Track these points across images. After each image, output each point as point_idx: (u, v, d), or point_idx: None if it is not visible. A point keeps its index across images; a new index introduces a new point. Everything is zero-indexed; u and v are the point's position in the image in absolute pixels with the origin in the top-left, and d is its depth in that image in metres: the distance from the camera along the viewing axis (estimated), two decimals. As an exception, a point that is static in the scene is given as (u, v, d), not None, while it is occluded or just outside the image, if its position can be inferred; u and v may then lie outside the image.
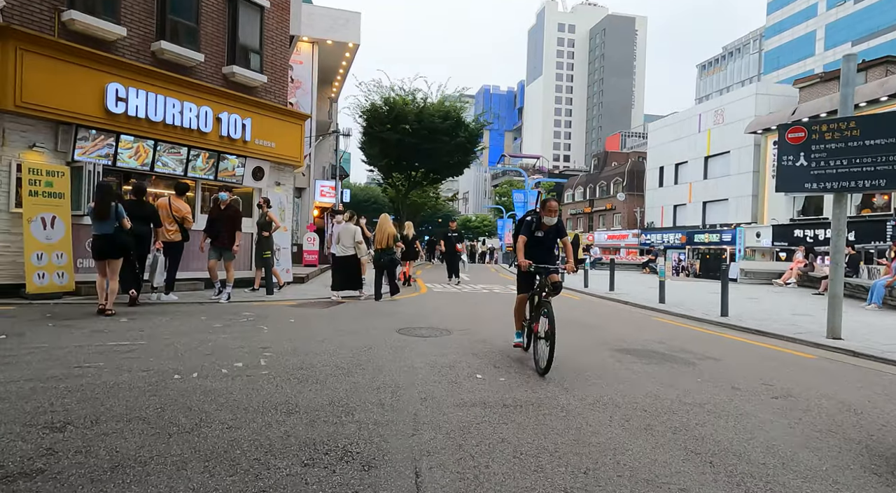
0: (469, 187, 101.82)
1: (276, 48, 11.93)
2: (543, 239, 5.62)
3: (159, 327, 6.27)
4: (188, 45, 9.92)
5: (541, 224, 5.52)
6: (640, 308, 10.78)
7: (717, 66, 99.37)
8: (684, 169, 36.24)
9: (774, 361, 6.16)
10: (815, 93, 26.51)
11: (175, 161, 9.80)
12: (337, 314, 8.19)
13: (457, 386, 4.43)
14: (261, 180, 11.52)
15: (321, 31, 20.86)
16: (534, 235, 5.58)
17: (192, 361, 4.81)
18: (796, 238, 25.29)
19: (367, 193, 65.96)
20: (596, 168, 54.52)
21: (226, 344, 5.55)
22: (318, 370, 4.69)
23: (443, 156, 28.04)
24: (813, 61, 63.43)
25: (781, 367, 5.82)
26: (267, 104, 11.46)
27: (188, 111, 9.75)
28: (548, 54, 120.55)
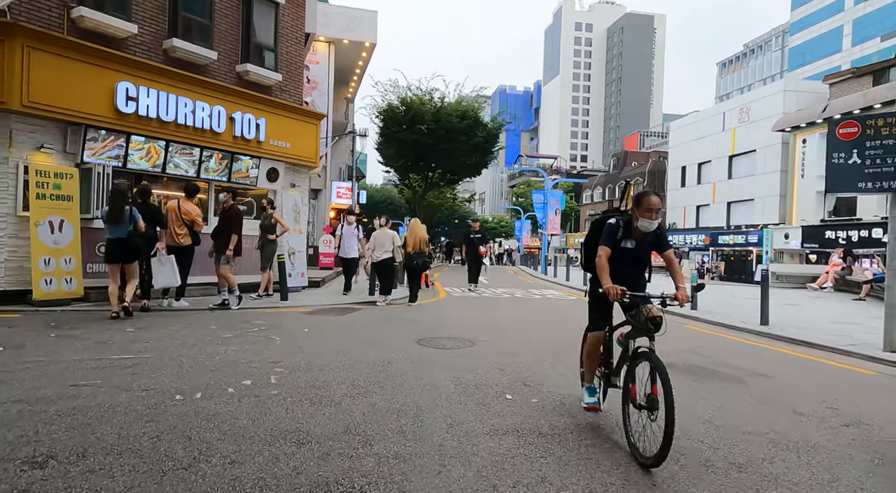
0: (485, 188, 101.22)
1: (291, 46, 11.61)
2: (634, 251, 3.82)
3: (166, 338, 5.93)
4: (201, 42, 9.63)
5: (632, 230, 3.75)
6: (671, 315, 10.21)
7: (737, 64, 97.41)
8: (707, 168, 35.28)
9: (831, 377, 5.61)
10: (847, 89, 25.53)
11: (187, 162, 9.51)
12: (353, 323, 7.80)
13: (485, 409, 3.99)
14: (275, 182, 11.21)
15: (337, 31, 20.60)
16: (620, 246, 3.78)
17: (198, 377, 4.44)
18: (828, 240, 24.34)
19: (383, 194, 65.72)
20: (615, 168, 53.62)
21: (235, 358, 5.18)
22: (332, 389, 4.29)
23: (460, 156, 27.60)
24: (840, 57, 61.64)
25: (840, 385, 5.28)
26: (282, 103, 11.14)
27: (201, 111, 9.45)
28: (565, 53, 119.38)
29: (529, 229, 51.62)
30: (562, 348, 6.32)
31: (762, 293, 8.66)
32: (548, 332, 7.73)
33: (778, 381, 5.27)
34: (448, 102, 26.89)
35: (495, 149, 30.02)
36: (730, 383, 5.05)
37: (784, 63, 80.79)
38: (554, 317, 9.63)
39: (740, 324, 8.76)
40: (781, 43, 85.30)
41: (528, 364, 5.47)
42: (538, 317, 9.53)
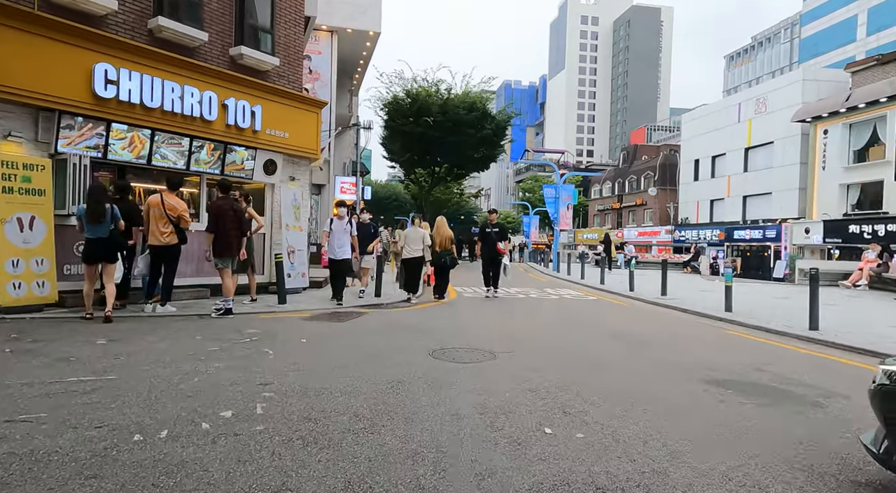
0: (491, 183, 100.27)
1: (289, 28, 10.77)
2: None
3: (140, 353, 5.13)
4: (190, 22, 8.82)
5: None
6: (706, 318, 9.35)
7: (745, 57, 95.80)
8: (722, 161, 34.23)
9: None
10: (870, 77, 24.43)
11: (175, 153, 8.70)
12: (356, 331, 6.98)
13: (522, 449, 3.17)
14: (273, 175, 10.40)
15: (340, 20, 19.77)
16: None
17: (167, 407, 3.63)
18: (852, 235, 23.32)
19: (387, 190, 64.99)
20: (624, 162, 52.53)
21: (217, 378, 4.37)
22: (331, 422, 3.47)
23: (467, 149, 26.74)
24: (854, 48, 60.20)
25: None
26: (279, 89, 10.32)
27: (189, 96, 8.64)
28: (570, 47, 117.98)
29: (538, 225, 50.68)
30: (595, 362, 5.49)
31: (811, 295, 7.77)
32: (574, 340, 6.90)
33: (858, 402, 4.42)
34: (455, 94, 26.02)
35: (504, 142, 29.12)
36: (806, 407, 4.21)
37: (794, 55, 79.28)
38: (577, 322, 8.79)
39: (784, 328, 7.89)
40: (791, 34, 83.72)
41: (561, 383, 4.64)
42: (560, 322, 8.69)
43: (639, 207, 46.66)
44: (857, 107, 23.60)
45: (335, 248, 9.32)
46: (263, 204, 10.62)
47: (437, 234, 10.74)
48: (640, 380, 4.81)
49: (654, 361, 5.67)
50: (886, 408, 2.67)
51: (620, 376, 4.91)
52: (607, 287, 14.88)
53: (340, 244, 9.34)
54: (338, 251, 9.32)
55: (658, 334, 7.53)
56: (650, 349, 6.34)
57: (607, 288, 14.71)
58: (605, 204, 53.26)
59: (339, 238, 9.34)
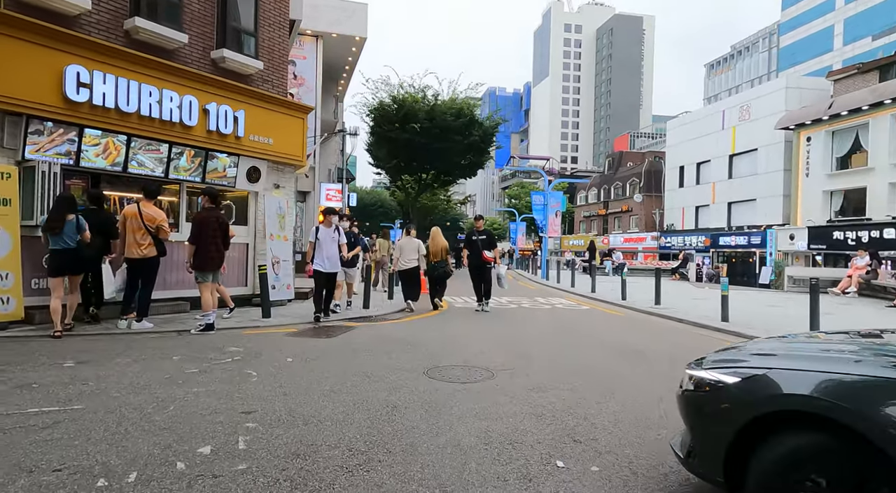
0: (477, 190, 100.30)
1: (273, 31, 10.43)
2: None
3: (111, 376, 4.72)
4: (169, 23, 8.43)
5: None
6: (702, 329, 9.15)
7: (725, 65, 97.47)
8: (706, 168, 34.49)
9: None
10: (851, 85, 24.80)
11: (153, 160, 8.29)
12: (346, 347, 6.63)
13: (534, 486, 2.86)
14: (257, 182, 10.01)
15: (326, 25, 19.43)
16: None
17: (139, 443, 3.26)
18: (836, 241, 23.55)
19: (373, 196, 64.51)
20: (609, 169, 52.81)
21: (196, 406, 4.00)
22: (321, 458, 3.13)
23: (455, 156, 26.51)
24: (831, 57, 61.49)
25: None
26: (263, 94, 9.95)
27: (168, 101, 8.24)
28: (554, 55, 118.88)
29: (524, 232, 50.63)
30: (598, 379, 5.21)
31: (812, 306, 7.61)
32: (572, 355, 6.62)
33: None
34: (442, 100, 25.80)
35: (491, 148, 28.95)
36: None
37: (772, 64, 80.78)
38: (573, 333, 8.52)
39: (785, 339, 7.69)
40: (769, 44, 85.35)
41: (567, 405, 4.35)
42: (555, 334, 8.42)
43: (624, 213, 46.86)
44: (839, 114, 23.89)
45: (324, 259, 8.42)
46: (247, 213, 10.22)
47: (433, 244, 10.79)
48: (650, 399, 4.53)
49: (661, 377, 5.40)
50: (689, 413, 2.72)
51: (628, 396, 4.64)
52: (599, 296, 14.68)
53: (329, 255, 8.45)
54: (326, 263, 8.43)
55: (658, 346, 7.29)
56: (653, 364, 6.08)
57: (599, 297, 14.51)
58: (591, 210, 53.43)
59: (327, 248, 8.46)
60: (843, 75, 25.72)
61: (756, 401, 2.35)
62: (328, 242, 8.52)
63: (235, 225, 9.98)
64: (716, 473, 2.47)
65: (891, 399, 1.99)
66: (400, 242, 10.85)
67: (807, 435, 2.20)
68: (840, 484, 2.08)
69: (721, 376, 2.56)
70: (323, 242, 8.47)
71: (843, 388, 2.13)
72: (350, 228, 10.60)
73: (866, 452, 1.98)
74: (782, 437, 2.25)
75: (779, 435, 2.27)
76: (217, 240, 7.27)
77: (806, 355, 2.58)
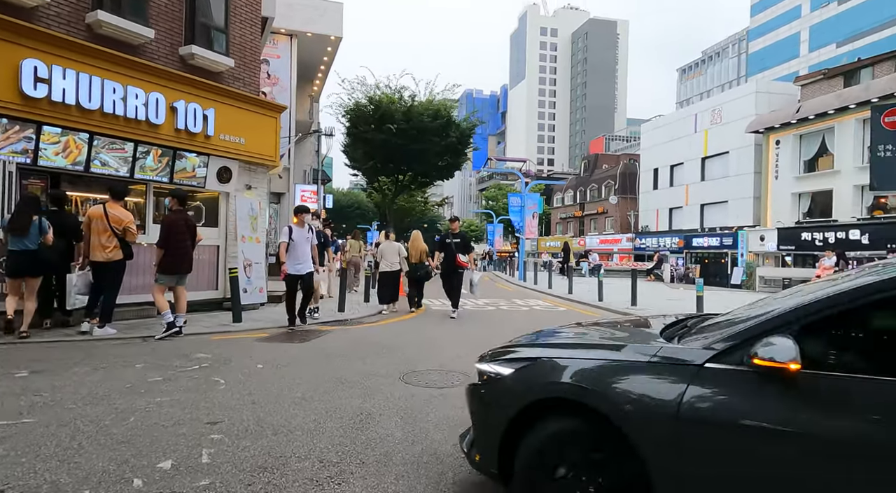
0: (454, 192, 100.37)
1: (245, 28, 10.16)
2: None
3: (68, 387, 4.47)
4: (134, 18, 8.12)
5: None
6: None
7: (696, 70, 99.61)
8: (680, 171, 35.06)
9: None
10: (818, 90, 25.46)
11: (118, 159, 7.96)
12: (319, 352, 6.44)
13: (514, 500, 2.75)
14: (228, 183, 9.73)
15: (300, 23, 19.14)
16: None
17: (93, 459, 3.05)
18: (804, 242, 24.13)
19: (350, 198, 64.02)
20: (585, 171, 53.33)
21: (158, 417, 3.79)
22: (290, 471, 2.98)
23: (432, 157, 26.36)
24: (797, 63, 63.24)
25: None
26: (234, 92, 9.68)
27: (133, 98, 7.92)
28: (531, 58, 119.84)
29: (502, 233, 50.78)
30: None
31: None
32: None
33: None
34: (419, 101, 25.64)
35: (468, 150, 28.90)
36: None
37: (742, 69, 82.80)
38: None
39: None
40: (738, 50, 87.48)
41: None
42: (534, 335, 8.34)
43: (600, 215, 47.36)
44: (806, 119, 24.51)
45: (296, 261, 7.96)
46: (218, 214, 9.93)
47: (413, 247, 10.87)
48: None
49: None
50: (471, 406, 2.80)
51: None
52: (576, 297, 14.71)
53: (303, 258, 8.00)
54: (299, 266, 7.95)
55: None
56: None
57: (576, 298, 14.54)
58: (567, 212, 53.86)
59: (301, 249, 8.01)
60: (809, 80, 26.40)
61: (525, 391, 2.44)
62: (302, 242, 8.12)
63: (206, 227, 9.72)
64: (490, 465, 2.52)
65: (622, 379, 2.16)
66: (381, 246, 10.98)
67: (565, 420, 2.31)
68: (590, 464, 2.19)
69: (498, 367, 2.64)
70: (297, 243, 8.06)
71: (593, 374, 2.27)
72: (324, 228, 10.41)
73: (610, 431, 2.10)
74: (546, 424, 2.34)
75: (543, 422, 2.35)
76: (186, 243, 7.04)
77: (571, 343, 2.72)
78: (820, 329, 1.98)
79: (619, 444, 2.08)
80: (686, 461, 1.97)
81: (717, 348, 2.05)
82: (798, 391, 1.85)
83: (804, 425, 1.79)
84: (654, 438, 2.02)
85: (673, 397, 2.00)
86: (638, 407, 2.06)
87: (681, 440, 1.96)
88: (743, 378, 1.94)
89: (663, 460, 2.00)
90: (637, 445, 2.04)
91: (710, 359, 2.04)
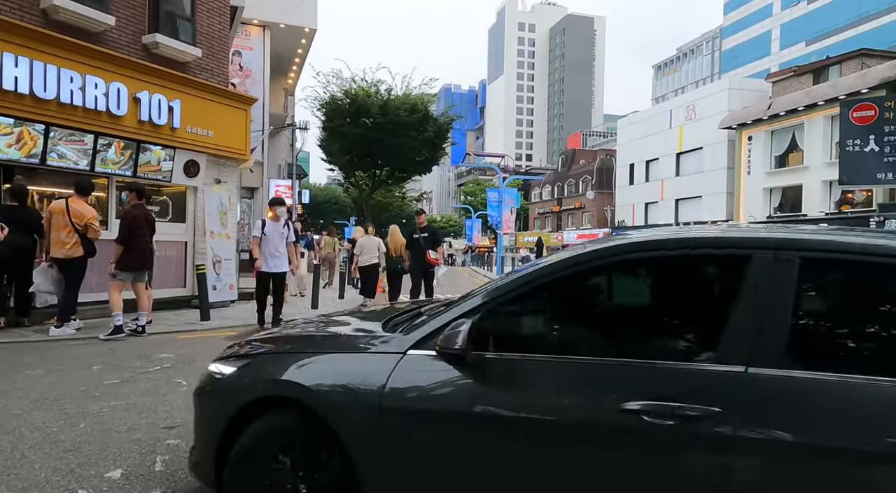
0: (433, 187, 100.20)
1: (212, 17, 9.84)
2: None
3: (16, 391, 4.22)
4: (93, 4, 7.75)
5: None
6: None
7: (672, 66, 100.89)
8: (655, 166, 35.50)
9: None
10: (788, 87, 25.99)
11: (76, 152, 7.62)
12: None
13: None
14: (195, 177, 9.42)
15: (273, 14, 18.72)
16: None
17: (35, 469, 2.86)
18: (775, 236, 24.60)
19: (327, 193, 63.31)
20: (563, 166, 53.68)
21: (111, 422, 3.60)
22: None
23: (409, 152, 26.12)
24: (769, 60, 64.45)
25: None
26: (201, 83, 9.37)
27: (93, 87, 7.58)
28: (509, 53, 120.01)
29: (480, 228, 50.82)
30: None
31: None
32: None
33: None
34: (395, 95, 25.37)
35: (446, 144, 28.75)
36: None
37: (715, 66, 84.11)
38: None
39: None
40: (712, 47, 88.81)
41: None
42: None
43: (577, 210, 47.72)
44: (777, 115, 24.98)
45: (269, 258, 7.38)
46: (185, 209, 9.63)
47: (392, 241, 10.62)
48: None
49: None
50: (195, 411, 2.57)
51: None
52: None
53: (277, 254, 7.44)
54: (272, 262, 7.37)
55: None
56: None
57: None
58: (545, 207, 54.17)
59: (274, 245, 7.41)
60: (780, 78, 26.92)
61: (240, 390, 2.29)
62: (275, 238, 7.53)
63: (173, 222, 9.44)
64: (207, 474, 2.32)
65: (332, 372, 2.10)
66: (360, 241, 10.78)
67: (278, 418, 2.18)
68: (303, 464, 2.07)
69: (222, 366, 2.47)
70: (270, 239, 7.47)
71: (304, 368, 2.17)
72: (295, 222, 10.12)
73: (321, 429, 2.00)
74: (260, 423, 2.18)
75: (258, 422, 2.19)
76: (147, 239, 6.77)
77: (295, 336, 2.60)
78: (503, 312, 2.02)
79: (330, 441, 1.99)
80: (391, 454, 1.92)
81: (419, 336, 2.02)
82: (474, 374, 1.86)
83: (480, 407, 1.81)
84: (358, 432, 1.95)
85: (376, 389, 1.93)
86: (344, 400, 1.99)
87: (384, 432, 1.91)
88: (434, 366, 1.91)
89: (368, 454, 1.94)
90: (344, 440, 1.95)
91: (412, 346, 1.99)
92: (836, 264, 1.71)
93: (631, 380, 1.69)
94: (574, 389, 1.76)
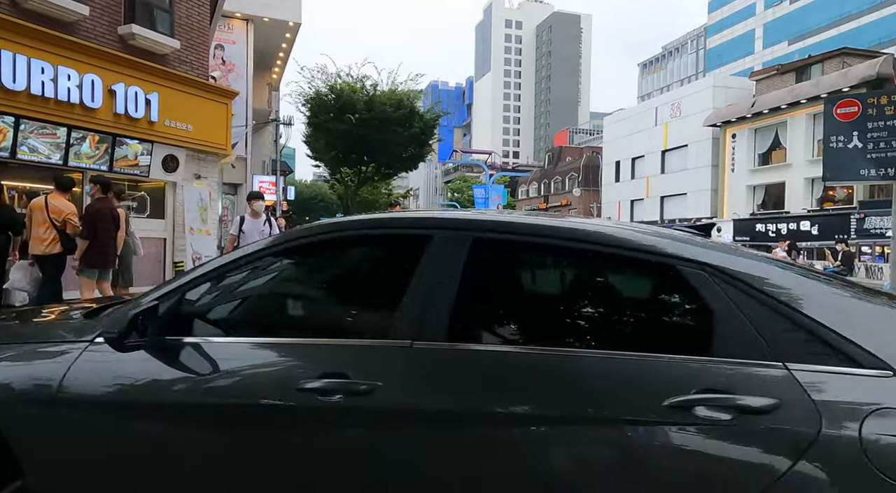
0: (420, 183, 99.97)
1: (192, 9, 9.62)
2: None
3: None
4: (66, -8, 7.53)
5: None
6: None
7: (657, 65, 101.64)
8: (641, 163, 35.71)
9: None
10: (772, 85, 26.26)
11: (48, 145, 7.39)
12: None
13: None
14: (174, 172, 9.21)
15: (257, 8, 18.45)
16: None
17: None
18: (758, 233, 24.93)
19: (313, 190, 62.83)
20: (550, 163, 53.86)
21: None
22: None
23: (395, 148, 25.93)
24: (752, 59, 65.24)
25: None
26: (180, 76, 9.16)
27: (65, 79, 7.35)
28: (496, 50, 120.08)
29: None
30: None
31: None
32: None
33: None
34: (381, 91, 25.17)
35: (432, 141, 28.61)
36: None
37: (700, 64, 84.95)
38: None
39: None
40: (697, 46, 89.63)
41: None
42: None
43: (564, 207, 47.89)
44: (761, 113, 25.23)
45: None
46: (164, 205, 9.42)
47: None
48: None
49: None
50: None
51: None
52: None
53: None
54: None
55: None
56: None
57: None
58: (531, 204, 54.30)
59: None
60: (764, 76, 27.19)
61: None
62: (255, 236, 6.94)
63: (151, 218, 9.23)
64: None
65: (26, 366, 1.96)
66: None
67: None
68: None
69: None
70: (249, 237, 6.99)
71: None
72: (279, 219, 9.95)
73: None
74: None
75: None
76: (113, 234, 6.53)
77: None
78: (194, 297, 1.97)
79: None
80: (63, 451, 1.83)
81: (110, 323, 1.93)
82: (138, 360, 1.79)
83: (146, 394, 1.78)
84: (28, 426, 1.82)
85: (55, 378, 1.80)
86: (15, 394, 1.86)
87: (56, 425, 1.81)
88: (103, 355, 1.83)
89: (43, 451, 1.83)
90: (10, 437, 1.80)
91: (101, 334, 1.87)
92: (506, 245, 1.80)
93: (310, 359, 1.72)
94: (253, 371, 1.77)
